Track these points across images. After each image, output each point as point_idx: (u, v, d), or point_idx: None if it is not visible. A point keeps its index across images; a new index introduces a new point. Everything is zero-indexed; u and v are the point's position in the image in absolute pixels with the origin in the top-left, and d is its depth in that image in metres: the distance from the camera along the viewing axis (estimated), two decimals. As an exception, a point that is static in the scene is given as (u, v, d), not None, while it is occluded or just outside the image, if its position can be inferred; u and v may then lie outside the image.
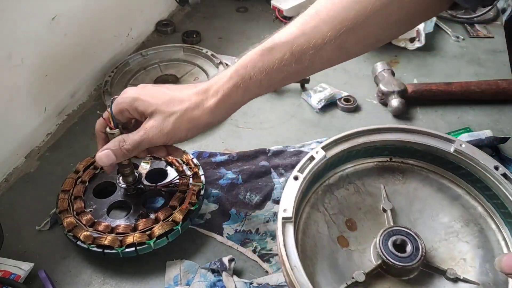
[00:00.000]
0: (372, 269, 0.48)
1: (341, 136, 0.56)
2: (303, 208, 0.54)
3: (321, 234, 0.52)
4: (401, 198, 0.54)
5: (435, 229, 0.50)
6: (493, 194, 0.50)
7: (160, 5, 1.23)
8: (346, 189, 0.57)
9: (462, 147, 0.52)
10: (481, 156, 0.51)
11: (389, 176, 0.56)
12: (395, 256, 0.46)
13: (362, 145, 0.56)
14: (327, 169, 0.57)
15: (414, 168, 0.56)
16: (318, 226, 0.54)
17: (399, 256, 0.46)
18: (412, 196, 0.54)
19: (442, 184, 0.55)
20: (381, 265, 0.48)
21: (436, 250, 0.48)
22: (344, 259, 0.49)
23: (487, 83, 0.94)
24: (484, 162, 0.50)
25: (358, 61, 1.08)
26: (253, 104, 0.97)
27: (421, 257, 0.46)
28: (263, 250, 0.67)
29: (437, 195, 0.54)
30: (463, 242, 0.49)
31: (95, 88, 1.01)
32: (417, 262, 0.46)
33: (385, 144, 0.57)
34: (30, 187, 0.79)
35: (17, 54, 0.78)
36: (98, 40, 0.99)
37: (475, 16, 1.22)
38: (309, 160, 0.55)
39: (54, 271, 0.66)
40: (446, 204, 0.53)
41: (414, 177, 0.56)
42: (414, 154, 0.55)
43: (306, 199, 0.55)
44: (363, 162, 0.59)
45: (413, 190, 0.55)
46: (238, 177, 0.77)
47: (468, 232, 0.50)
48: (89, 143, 0.87)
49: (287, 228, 0.47)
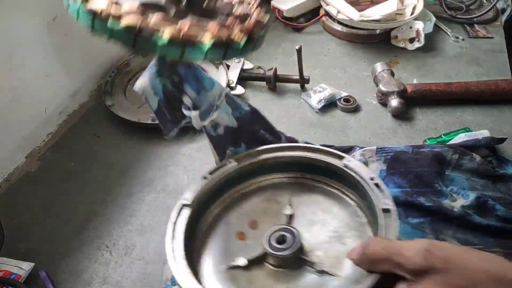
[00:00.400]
0: (254, 257, 0.55)
1: (254, 150, 0.65)
2: (215, 206, 0.63)
3: (224, 228, 0.62)
4: (303, 206, 0.62)
5: (323, 232, 0.58)
6: (369, 203, 0.56)
7: (160, 5, 1.23)
8: (258, 197, 0.65)
9: (350, 163, 0.60)
10: (363, 170, 0.58)
11: (297, 188, 0.65)
12: (273, 247, 0.54)
13: (271, 159, 0.65)
14: (243, 178, 0.65)
15: (318, 182, 0.65)
16: (224, 222, 0.62)
17: (276, 247, 0.54)
18: (313, 205, 0.62)
19: (337, 195, 0.63)
20: (262, 255, 0.55)
21: (318, 250, 0.56)
22: (237, 249, 0.58)
23: (487, 83, 0.94)
24: (363, 175, 0.57)
25: (358, 62, 1.08)
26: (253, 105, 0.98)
27: (293, 251, 0.53)
28: None
29: (333, 204, 0.62)
30: (341, 244, 0.56)
31: (95, 88, 1.01)
32: (289, 254, 0.53)
33: (292, 161, 0.65)
34: (31, 187, 0.80)
35: (17, 54, 0.78)
36: (99, 40, 0.99)
37: (475, 17, 1.22)
38: (222, 166, 0.64)
39: (55, 271, 0.67)
40: (337, 212, 0.60)
41: (318, 190, 0.64)
42: (317, 169, 0.64)
43: (219, 199, 0.64)
44: (278, 176, 0.67)
45: (314, 201, 0.63)
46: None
47: (348, 236, 0.57)
48: (89, 143, 0.87)
49: (183, 211, 0.57)
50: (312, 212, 0.61)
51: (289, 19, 1.19)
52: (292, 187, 0.65)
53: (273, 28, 1.21)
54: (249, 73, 1.01)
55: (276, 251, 0.54)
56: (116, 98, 0.94)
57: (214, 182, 0.62)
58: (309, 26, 1.20)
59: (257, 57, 1.09)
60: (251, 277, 0.55)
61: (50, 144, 0.88)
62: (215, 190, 0.63)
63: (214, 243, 0.60)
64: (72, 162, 0.78)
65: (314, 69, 1.04)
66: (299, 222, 0.60)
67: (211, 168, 0.63)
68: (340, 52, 1.12)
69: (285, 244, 0.54)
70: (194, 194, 0.59)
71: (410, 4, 1.14)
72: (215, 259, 0.58)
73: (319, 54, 1.11)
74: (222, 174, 0.63)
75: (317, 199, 0.63)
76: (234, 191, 0.65)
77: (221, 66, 0.99)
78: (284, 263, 0.54)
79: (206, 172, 0.63)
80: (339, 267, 0.52)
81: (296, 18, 1.20)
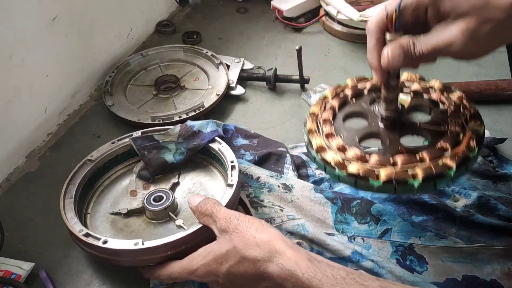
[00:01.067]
0: (134, 208, 0.71)
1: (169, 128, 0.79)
2: (121, 167, 0.79)
3: (121, 185, 0.77)
4: (187, 178, 0.77)
5: (192, 191, 0.75)
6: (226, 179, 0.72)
7: (160, 5, 1.23)
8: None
9: (223, 148, 0.74)
10: (229, 153, 0.73)
11: (188, 163, 0.78)
12: (149, 203, 0.69)
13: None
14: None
15: (203, 160, 0.79)
16: (123, 181, 0.78)
17: (151, 203, 0.69)
18: (195, 178, 0.77)
19: (213, 172, 0.78)
20: (141, 208, 0.70)
21: (184, 211, 0.71)
22: (125, 202, 0.74)
23: (487, 83, 0.94)
24: (227, 158, 0.72)
25: (358, 62, 1.08)
26: (253, 105, 0.98)
27: (162, 208, 0.68)
28: (256, 198, 0.72)
29: (208, 179, 0.77)
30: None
31: (95, 88, 1.01)
32: (158, 210, 0.68)
33: None
34: (31, 187, 0.80)
35: (18, 54, 0.78)
36: (99, 40, 0.99)
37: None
38: (130, 135, 0.78)
39: (55, 271, 0.66)
40: (207, 185, 0.76)
41: (200, 166, 0.79)
42: (202, 150, 0.78)
43: (123, 162, 0.79)
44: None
45: (196, 174, 0.78)
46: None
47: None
48: (89, 143, 0.87)
49: (86, 165, 0.74)
50: (192, 183, 0.76)
51: (289, 19, 1.19)
52: (185, 162, 0.77)
53: (273, 28, 1.21)
54: (249, 73, 1.01)
55: (150, 206, 0.69)
56: (116, 98, 0.94)
57: (120, 147, 0.77)
58: (309, 26, 1.20)
59: (257, 57, 1.09)
60: (128, 222, 0.70)
61: (50, 144, 0.88)
62: (120, 154, 0.78)
63: (110, 195, 0.75)
64: (72, 162, 0.78)
65: (314, 69, 1.04)
66: (180, 189, 0.75)
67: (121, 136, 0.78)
68: (340, 52, 1.12)
69: (159, 202, 0.69)
70: (99, 154, 0.75)
71: (410, 4, 1.14)
72: (105, 207, 0.73)
73: (319, 54, 1.11)
74: (128, 142, 0.77)
75: (198, 173, 0.78)
76: (138, 158, 0.77)
77: (221, 66, 0.99)
78: (155, 216, 0.69)
79: (116, 138, 0.77)
80: (193, 225, 0.62)
81: (296, 18, 1.20)
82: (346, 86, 0.70)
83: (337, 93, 0.69)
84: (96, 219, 0.71)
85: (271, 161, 0.80)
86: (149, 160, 0.75)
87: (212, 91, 0.94)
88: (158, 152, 0.76)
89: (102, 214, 0.72)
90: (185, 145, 0.76)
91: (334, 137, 0.61)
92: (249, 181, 0.74)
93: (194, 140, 0.76)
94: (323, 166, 0.59)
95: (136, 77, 1.01)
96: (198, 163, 0.79)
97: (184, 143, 0.76)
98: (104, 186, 0.76)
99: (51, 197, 0.75)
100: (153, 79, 0.98)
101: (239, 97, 0.98)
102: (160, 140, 0.77)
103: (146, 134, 0.78)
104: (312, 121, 0.64)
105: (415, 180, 0.54)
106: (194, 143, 0.76)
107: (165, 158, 0.76)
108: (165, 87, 0.98)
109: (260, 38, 1.17)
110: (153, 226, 0.69)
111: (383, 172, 0.54)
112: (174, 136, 0.77)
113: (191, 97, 0.96)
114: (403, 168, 0.55)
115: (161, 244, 0.59)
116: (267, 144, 0.83)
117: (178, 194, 0.74)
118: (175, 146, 0.76)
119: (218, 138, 0.76)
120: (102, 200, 0.74)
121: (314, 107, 0.67)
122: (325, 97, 0.68)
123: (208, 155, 0.78)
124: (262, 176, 0.74)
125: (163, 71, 1.02)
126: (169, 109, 0.92)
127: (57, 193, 0.68)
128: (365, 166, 0.56)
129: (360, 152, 0.57)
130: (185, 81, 1.00)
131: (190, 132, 0.77)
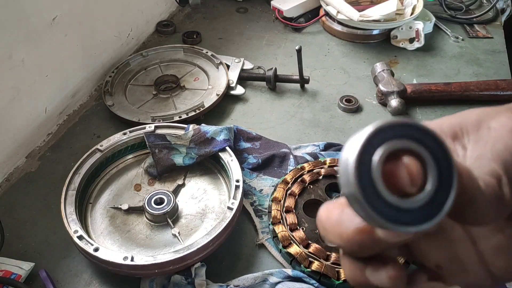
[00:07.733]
0: (134, 206, 0.71)
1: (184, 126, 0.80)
2: (131, 157, 0.80)
3: (127, 177, 0.77)
4: (192, 181, 0.77)
5: (194, 207, 0.73)
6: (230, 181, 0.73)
7: (160, 5, 1.23)
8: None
9: (231, 160, 0.74)
10: (234, 166, 0.73)
11: (197, 166, 0.78)
12: (150, 205, 0.68)
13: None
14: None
15: (212, 165, 0.79)
16: (130, 172, 0.78)
17: (152, 205, 0.68)
18: (200, 182, 0.77)
19: (217, 177, 0.78)
20: (141, 207, 0.70)
21: (183, 218, 0.70)
22: (127, 196, 0.74)
23: (486, 83, 0.94)
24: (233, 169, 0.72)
25: (358, 62, 1.08)
26: (253, 105, 0.98)
27: (161, 213, 0.68)
28: (260, 206, 0.73)
29: (212, 186, 0.77)
30: (200, 221, 0.71)
31: (95, 88, 1.01)
32: (157, 214, 0.68)
33: None
34: (31, 187, 0.80)
35: (17, 54, 0.78)
36: (99, 40, 0.99)
37: (475, 17, 1.22)
38: (143, 127, 0.79)
39: (55, 270, 0.66)
40: (211, 193, 0.75)
41: (207, 171, 0.79)
42: (212, 156, 0.78)
43: (134, 153, 0.80)
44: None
45: (201, 179, 0.78)
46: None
47: (209, 217, 0.72)
48: (89, 143, 0.87)
49: (95, 154, 0.75)
50: (197, 188, 0.75)
51: (289, 19, 1.19)
52: (194, 164, 0.77)
53: (273, 28, 1.21)
54: (249, 73, 1.01)
55: (150, 209, 0.68)
56: (116, 98, 0.94)
57: (131, 139, 0.77)
58: (309, 26, 1.20)
59: (257, 57, 1.09)
60: (126, 220, 0.70)
61: (50, 144, 0.88)
62: (131, 145, 0.78)
63: (114, 186, 0.75)
64: (72, 162, 0.78)
65: (314, 69, 1.04)
66: (184, 192, 0.75)
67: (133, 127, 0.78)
68: (340, 52, 1.12)
69: (159, 206, 0.68)
70: (109, 143, 0.75)
71: (410, 4, 1.14)
72: (107, 198, 0.73)
73: (319, 54, 1.11)
74: (141, 134, 0.77)
75: (204, 179, 0.77)
76: (148, 151, 0.76)
77: (221, 66, 0.99)
78: (154, 219, 0.69)
79: (128, 129, 0.78)
80: (188, 237, 0.64)
81: (296, 18, 1.20)
82: (303, 168, 0.75)
83: (298, 177, 0.74)
84: (96, 211, 0.72)
85: (275, 164, 0.80)
86: (159, 160, 0.75)
87: (212, 91, 0.94)
88: (168, 153, 0.76)
89: (103, 206, 0.73)
90: (196, 151, 0.76)
91: (297, 230, 0.66)
92: (252, 191, 0.76)
93: (205, 147, 0.76)
94: (289, 260, 0.65)
95: (136, 77, 1.01)
96: (207, 167, 0.79)
97: (195, 149, 0.76)
98: (111, 175, 0.77)
99: (51, 197, 0.75)
100: (153, 79, 0.98)
101: (239, 97, 0.98)
102: (172, 142, 0.77)
103: (159, 128, 0.79)
104: (276, 209, 0.69)
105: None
106: (205, 150, 0.76)
107: (174, 160, 0.75)
108: (165, 87, 0.98)
109: (260, 38, 1.17)
110: (150, 228, 0.70)
111: (343, 273, 0.60)
112: (186, 141, 0.76)
113: (191, 97, 0.96)
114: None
115: (148, 264, 0.59)
116: (270, 145, 0.83)
117: (181, 197, 0.74)
118: (186, 150, 0.76)
119: (229, 150, 0.75)
120: (106, 190, 0.75)
121: (276, 193, 0.71)
122: (286, 181, 0.73)
123: (217, 162, 0.78)
124: (265, 188, 0.76)
125: (163, 71, 1.02)
126: (169, 109, 0.92)
127: (57, 193, 0.68)
128: (326, 263, 0.62)
129: (321, 247, 0.64)
130: (185, 81, 1.00)
131: (203, 138, 0.76)
